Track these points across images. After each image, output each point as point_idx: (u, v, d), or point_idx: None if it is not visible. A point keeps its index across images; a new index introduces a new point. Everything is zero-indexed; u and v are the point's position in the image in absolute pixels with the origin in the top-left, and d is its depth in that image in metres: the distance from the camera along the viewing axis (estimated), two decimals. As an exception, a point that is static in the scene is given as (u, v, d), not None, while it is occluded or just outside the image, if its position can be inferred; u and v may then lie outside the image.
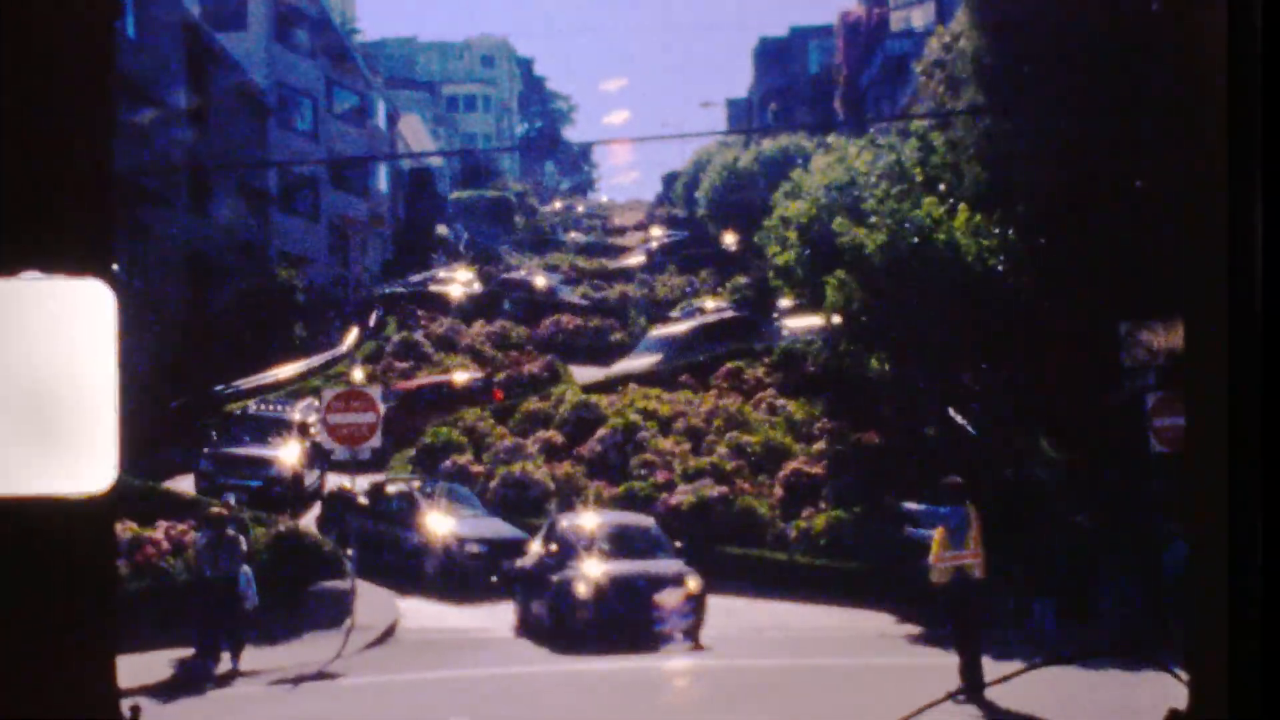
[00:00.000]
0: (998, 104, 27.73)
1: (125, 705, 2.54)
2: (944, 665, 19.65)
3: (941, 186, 28.70)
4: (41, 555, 2.22)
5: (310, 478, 32.12)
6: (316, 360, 45.34)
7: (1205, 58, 2.53)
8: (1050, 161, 26.22)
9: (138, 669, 17.72)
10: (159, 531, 24.10)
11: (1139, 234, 23.54)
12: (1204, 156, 2.54)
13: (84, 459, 2.18)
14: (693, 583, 21.88)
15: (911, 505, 17.33)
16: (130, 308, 32.54)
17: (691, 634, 21.72)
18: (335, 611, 23.09)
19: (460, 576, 26.35)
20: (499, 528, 27.84)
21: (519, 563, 24.23)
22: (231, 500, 24.04)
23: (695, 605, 21.83)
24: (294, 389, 40.15)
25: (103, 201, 2.33)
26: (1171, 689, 3.34)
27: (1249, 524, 2.46)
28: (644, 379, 38.52)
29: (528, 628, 23.02)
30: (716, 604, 24.86)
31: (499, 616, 24.01)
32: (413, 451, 34.23)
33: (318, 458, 31.42)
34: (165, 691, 18.04)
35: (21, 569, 2.21)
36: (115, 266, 2.31)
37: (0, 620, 2.22)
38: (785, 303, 40.77)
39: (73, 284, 2.22)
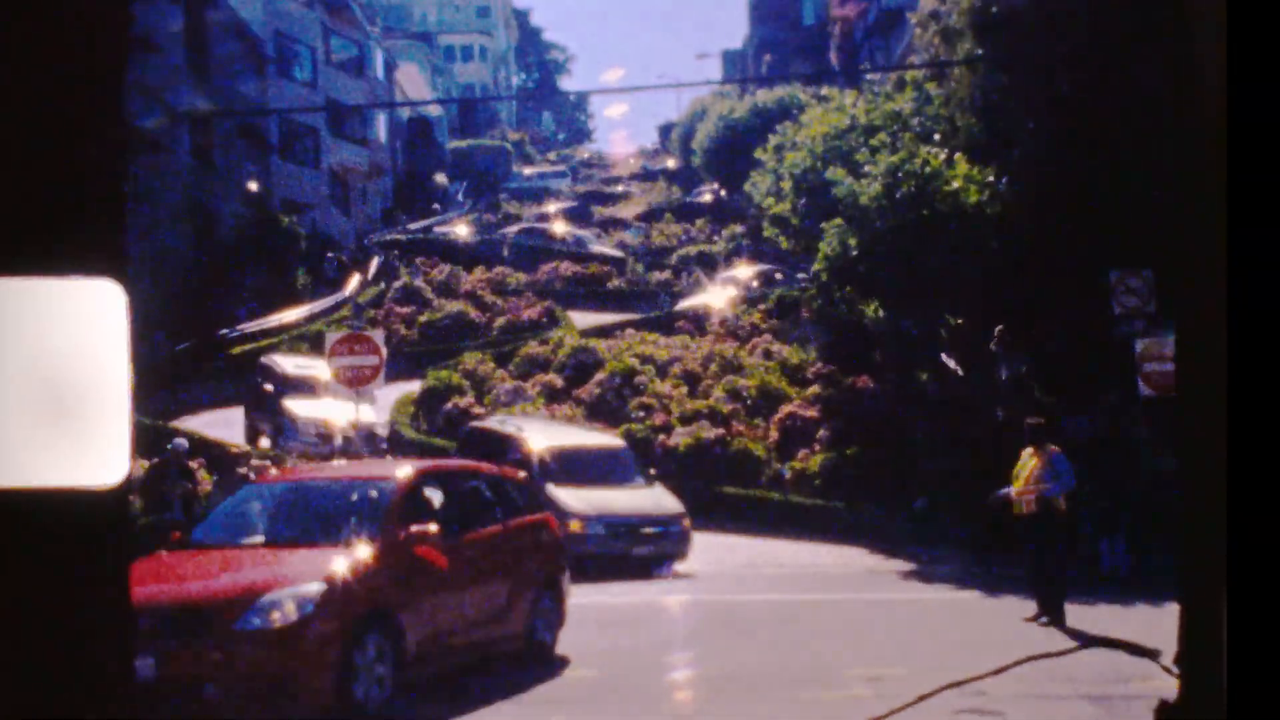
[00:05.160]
0: (993, 56, 27.88)
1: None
2: (933, 600, 20.24)
3: (936, 136, 28.85)
4: (56, 545, 2.25)
5: None
6: (319, 305, 45.78)
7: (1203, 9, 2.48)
8: (1045, 112, 26.51)
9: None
10: (169, 469, 24.60)
11: (1132, 183, 23.86)
12: (1200, 104, 2.50)
13: (98, 453, 2.20)
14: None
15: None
16: (135, 254, 32.86)
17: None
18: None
19: None
20: None
21: None
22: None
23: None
24: (299, 333, 40.53)
25: (116, 203, 2.33)
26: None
27: (1247, 518, 2.37)
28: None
29: None
30: (713, 541, 25.25)
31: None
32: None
33: None
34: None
35: (37, 558, 2.24)
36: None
37: (14, 608, 2.24)
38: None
39: (87, 284, 2.21)
